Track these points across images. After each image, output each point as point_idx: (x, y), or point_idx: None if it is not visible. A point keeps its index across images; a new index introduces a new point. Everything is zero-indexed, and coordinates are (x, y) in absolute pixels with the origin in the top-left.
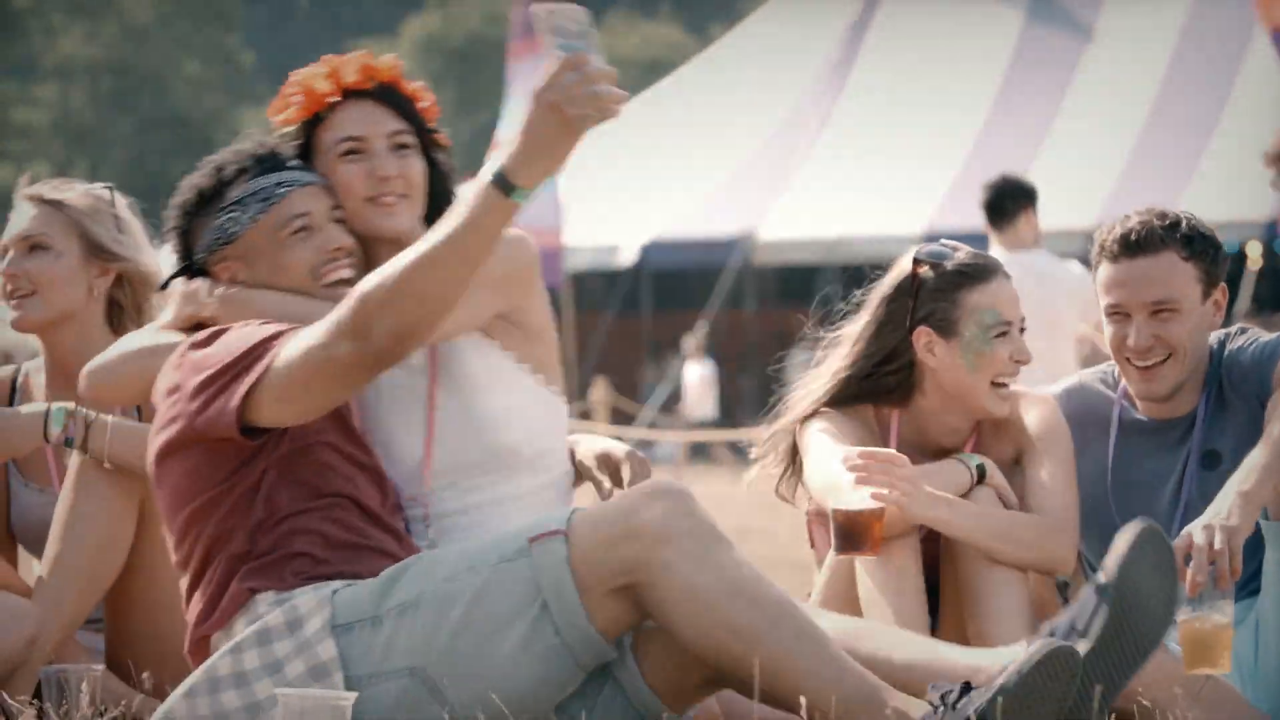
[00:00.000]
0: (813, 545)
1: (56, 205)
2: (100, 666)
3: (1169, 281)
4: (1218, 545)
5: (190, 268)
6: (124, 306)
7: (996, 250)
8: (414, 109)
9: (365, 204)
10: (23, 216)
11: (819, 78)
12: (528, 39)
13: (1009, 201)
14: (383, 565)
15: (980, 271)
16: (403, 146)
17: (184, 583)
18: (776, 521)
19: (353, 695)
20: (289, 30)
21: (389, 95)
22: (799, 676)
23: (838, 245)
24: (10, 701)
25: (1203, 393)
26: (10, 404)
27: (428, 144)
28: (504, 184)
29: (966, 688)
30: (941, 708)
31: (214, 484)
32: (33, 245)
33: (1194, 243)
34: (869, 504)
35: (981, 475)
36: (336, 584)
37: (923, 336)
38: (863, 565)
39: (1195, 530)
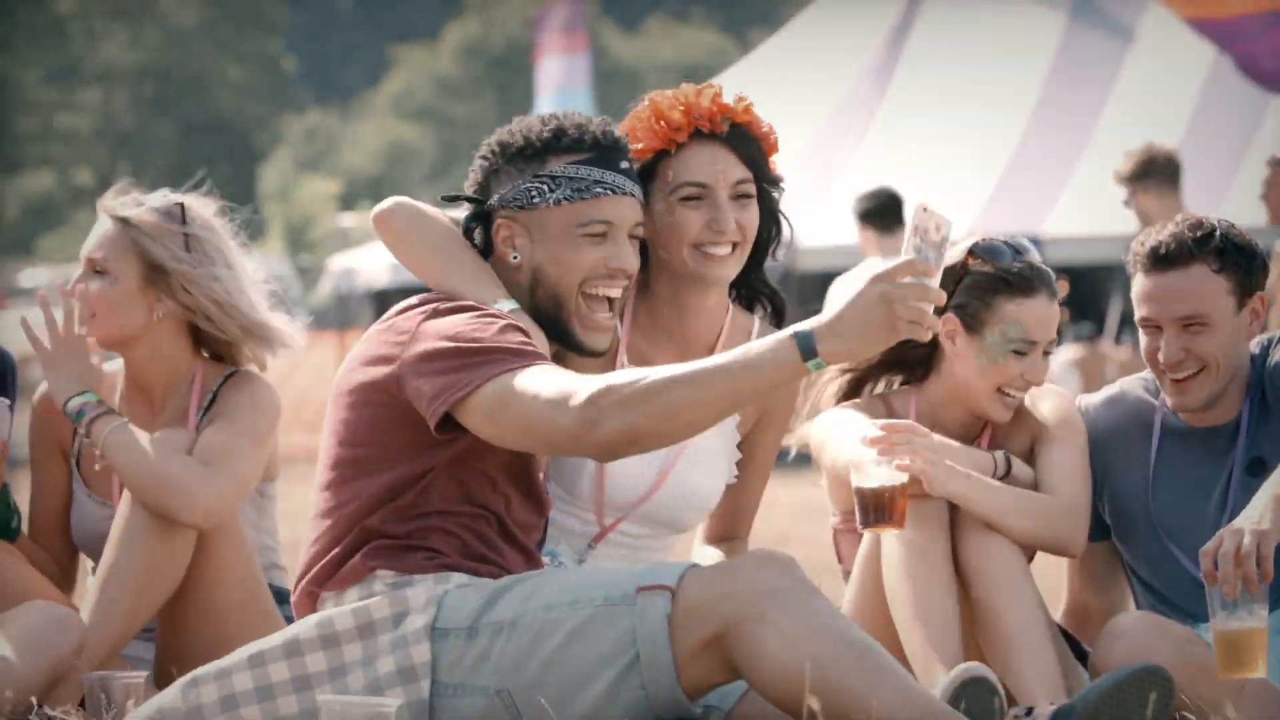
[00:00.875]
0: (840, 560)
1: (122, 224)
2: (143, 674)
3: (1199, 296)
4: (1246, 549)
5: (482, 210)
6: (201, 326)
7: (873, 258)
8: (762, 155)
9: (693, 249)
10: (95, 232)
11: (861, 82)
12: (555, 35)
13: (890, 212)
14: (509, 561)
15: (1024, 284)
16: (745, 196)
17: (314, 518)
18: (822, 529)
19: (395, 703)
20: (331, 35)
21: (739, 140)
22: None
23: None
24: (53, 712)
25: (1245, 400)
26: None
27: (766, 187)
28: (806, 347)
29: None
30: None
31: (385, 449)
32: (95, 268)
33: (1226, 254)
34: (894, 477)
35: (1008, 469)
36: (455, 580)
37: (949, 323)
38: (889, 555)
39: (1226, 534)
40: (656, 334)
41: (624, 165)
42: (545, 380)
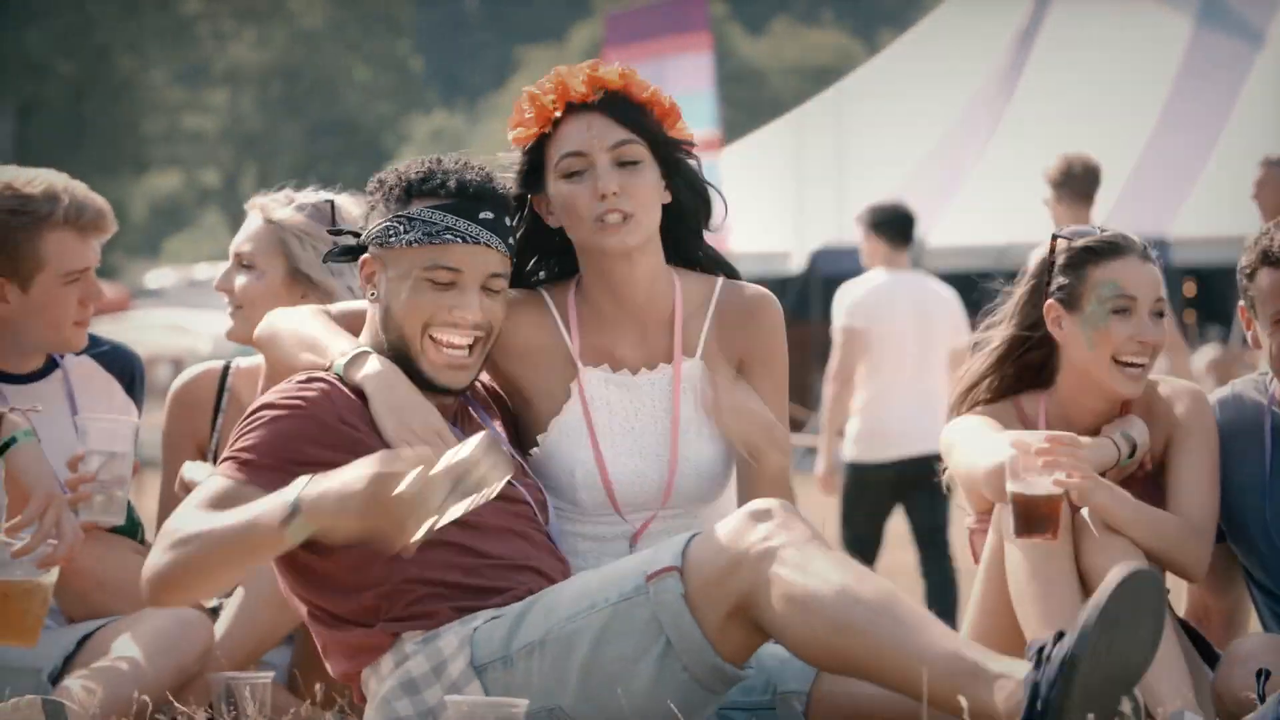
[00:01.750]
0: (976, 560)
1: (270, 223)
2: (269, 675)
3: None
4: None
5: (358, 244)
6: None
7: (877, 271)
8: (648, 118)
9: (593, 223)
10: (245, 227)
11: (988, 84)
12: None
13: (899, 226)
14: (525, 579)
15: (1110, 248)
16: (630, 162)
17: (311, 620)
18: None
19: (524, 703)
20: (459, 36)
21: (615, 105)
22: (906, 660)
23: (1007, 252)
24: (182, 709)
25: None
26: (219, 399)
27: (666, 151)
28: (295, 509)
29: (1059, 636)
30: (1039, 658)
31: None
32: (243, 262)
33: None
34: (1052, 489)
35: (1132, 449)
36: (481, 616)
37: (1051, 310)
38: (1012, 557)
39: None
40: (603, 325)
41: (484, 215)
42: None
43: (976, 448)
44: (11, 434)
